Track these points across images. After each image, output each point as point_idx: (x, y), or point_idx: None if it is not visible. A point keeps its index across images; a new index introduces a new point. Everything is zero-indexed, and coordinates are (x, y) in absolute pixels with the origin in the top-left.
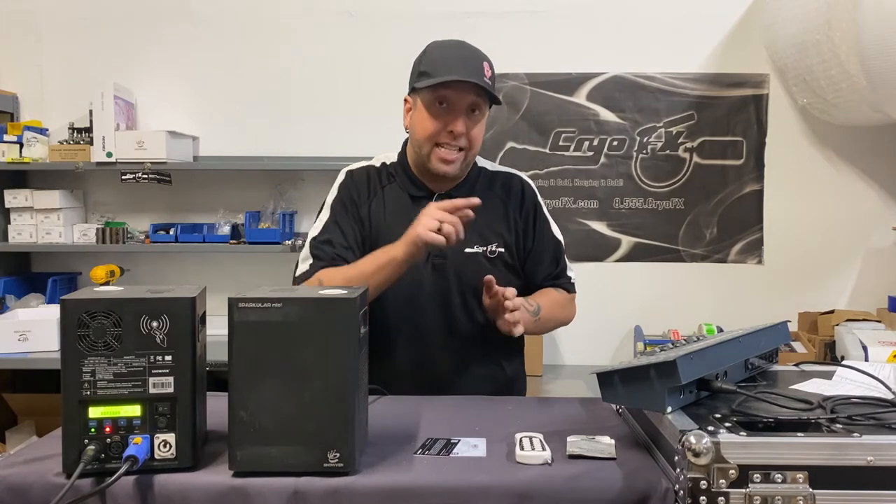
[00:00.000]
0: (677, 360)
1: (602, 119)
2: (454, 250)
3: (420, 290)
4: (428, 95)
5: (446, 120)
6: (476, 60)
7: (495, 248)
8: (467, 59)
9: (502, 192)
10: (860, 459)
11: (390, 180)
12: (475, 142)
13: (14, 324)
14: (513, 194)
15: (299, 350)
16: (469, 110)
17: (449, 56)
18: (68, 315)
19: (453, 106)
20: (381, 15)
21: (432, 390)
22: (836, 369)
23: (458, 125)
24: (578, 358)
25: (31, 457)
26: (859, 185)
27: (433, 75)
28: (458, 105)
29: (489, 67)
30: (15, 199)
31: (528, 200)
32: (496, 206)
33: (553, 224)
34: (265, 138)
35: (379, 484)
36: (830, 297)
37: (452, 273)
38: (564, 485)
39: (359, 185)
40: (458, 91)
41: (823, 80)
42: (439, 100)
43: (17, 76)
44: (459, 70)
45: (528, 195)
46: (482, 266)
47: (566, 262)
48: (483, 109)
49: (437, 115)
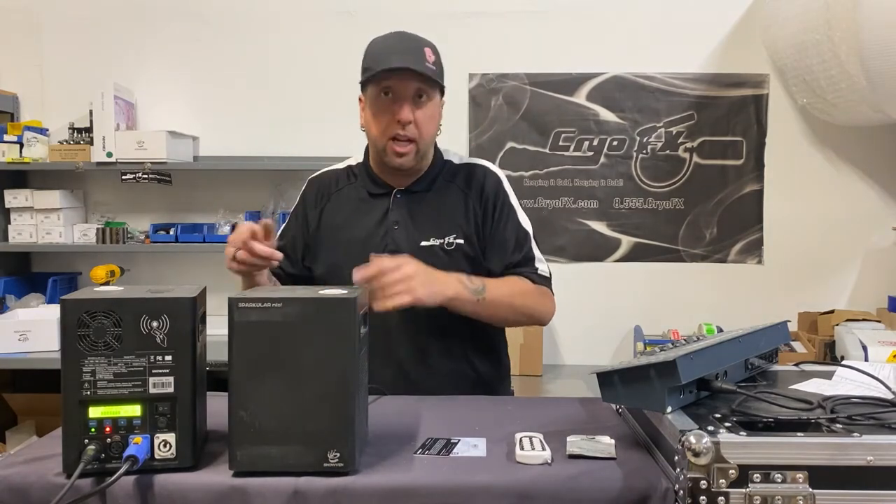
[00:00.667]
0: (677, 360)
1: (602, 119)
2: (409, 244)
3: None
4: (373, 89)
5: (393, 110)
6: (416, 47)
7: (453, 239)
8: (406, 46)
9: (463, 184)
10: (860, 459)
11: (350, 181)
12: (424, 130)
13: (14, 324)
14: (474, 184)
15: (299, 350)
16: (415, 97)
17: (387, 46)
18: (68, 315)
19: (397, 95)
20: (381, 15)
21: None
22: (836, 369)
23: (404, 112)
24: (578, 358)
25: (31, 457)
26: (859, 185)
27: (372, 69)
28: (402, 93)
29: (432, 53)
30: (15, 199)
31: (490, 188)
32: (456, 198)
33: (521, 213)
34: (265, 138)
35: (379, 484)
36: (830, 297)
37: None
38: (564, 485)
39: (314, 193)
40: (399, 79)
41: (823, 80)
42: (384, 91)
43: (17, 76)
44: (397, 58)
45: (489, 183)
46: (438, 258)
47: (535, 253)
48: (430, 96)
49: (383, 106)
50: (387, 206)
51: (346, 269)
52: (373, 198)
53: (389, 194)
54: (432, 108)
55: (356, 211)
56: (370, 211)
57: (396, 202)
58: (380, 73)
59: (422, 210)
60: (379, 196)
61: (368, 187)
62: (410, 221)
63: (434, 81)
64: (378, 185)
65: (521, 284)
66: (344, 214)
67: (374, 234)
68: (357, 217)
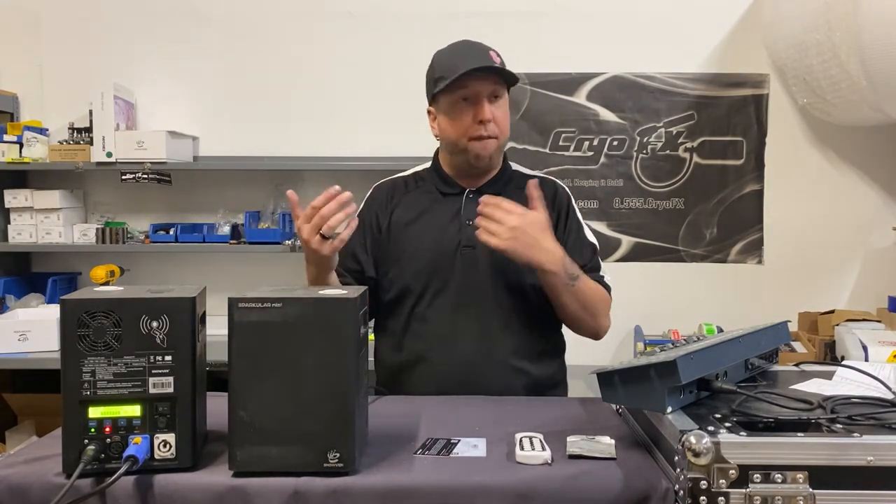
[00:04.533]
0: (677, 360)
1: (602, 119)
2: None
3: (450, 279)
4: (450, 97)
5: (473, 112)
6: (482, 50)
7: None
8: (474, 50)
9: None
10: (860, 459)
11: (418, 185)
12: (503, 125)
13: (14, 324)
14: (546, 192)
15: (299, 350)
16: (491, 97)
17: (456, 54)
18: (68, 315)
19: (475, 97)
20: (381, 15)
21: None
22: (836, 369)
23: (485, 112)
24: (578, 358)
25: (31, 457)
26: (859, 185)
27: (448, 77)
28: (480, 94)
29: (496, 55)
30: (15, 199)
31: (560, 200)
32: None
33: (587, 228)
34: (265, 138)
35: (379, 484)
36: (830, 297)
37: (483, 262)
38: (564, 485)
39: (381, 198)
40: (475, 82)
41: (823, 80)
42: (462, 97)
43: (17, 76)
44: (470, 62)
45: (560, 195)
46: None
47: (601, 265)
48: (503, 94)
49: (462, 111)
50: (459, 204)
51: (419, 265)
52: (444, 196)
53: (461, 194)
54: (506, 105)
55: (428, 209)
56: (442, 209)
57: (469, 201)
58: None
59: None
60: (450, 195)
61: (440, 186)
62: None
63: (506, 80)
64: (449, 184)
65: (603, 292)
66: (415, 213)
67: (447, 230)
68: (429, 215)
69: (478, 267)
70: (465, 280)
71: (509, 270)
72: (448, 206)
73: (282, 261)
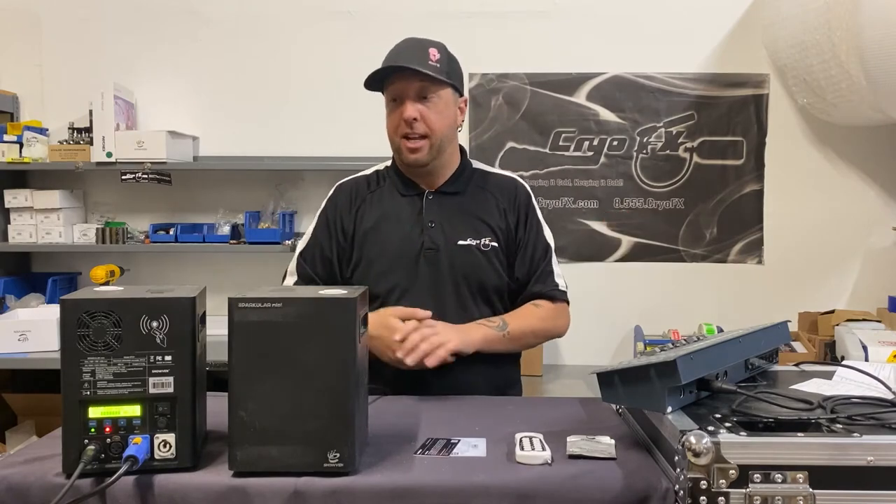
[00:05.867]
0: (677, 360)
1: (602, 119)
2: (446, 242)
3: (413, 281)
4: (386, 96)
5: (400, 111)
6: (419, 49)
7: (488, 241)
8: (409, 49)
9: (496, 190)
10: (860, 459)
11: (380, 184)
12: (434, 125)
13: (14, 324)
14: (506, 192)
15: (299, 350)
16: (419, 97)
17: (392, 53)
18: (68, 315)
19: (402, 96)
20: (381, 15)
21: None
22: (837, 369)
23: (407, 110)
24: (578, 358)
25: (31, 457)
26: (859, 185)
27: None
28: (405, 93)
29: (438, 52)
30: (15, 199)
31: (521, 199)
32: (488, 203)
33: (546, 228)
34: (265, 138)
35: (379, 484)
36: (830, 297)
37: (445, 264)
38: (564, 485)
39: (344, 198)
40: (401, 80)
41: (823, 80)
42: (391, 96)
43: (17, 76)
44: (396, 61)
45: (521, 194)
46: (476, 257)
47: (555, 268)
48: (437, 94)
49: (392, 110)
50: (420, 206)
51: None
52: (404, 198)
53: (421, 195)
54: (441, 105)
55: (391, 212)
56: (404, 211)
57: (429, 203)
58: (376, 73)
59: (456, 211)
60: (410, 196)
61: (399, 188)
62: (446, 221)
63: (436, 78)
64: (408, 186)
65: (538, 311)
66: (379, 215)
67: (410, 233)
68: (393, 218)
69: (441, 269)
70: (428, 281)
71: (472, 272)
72: (409, 209)
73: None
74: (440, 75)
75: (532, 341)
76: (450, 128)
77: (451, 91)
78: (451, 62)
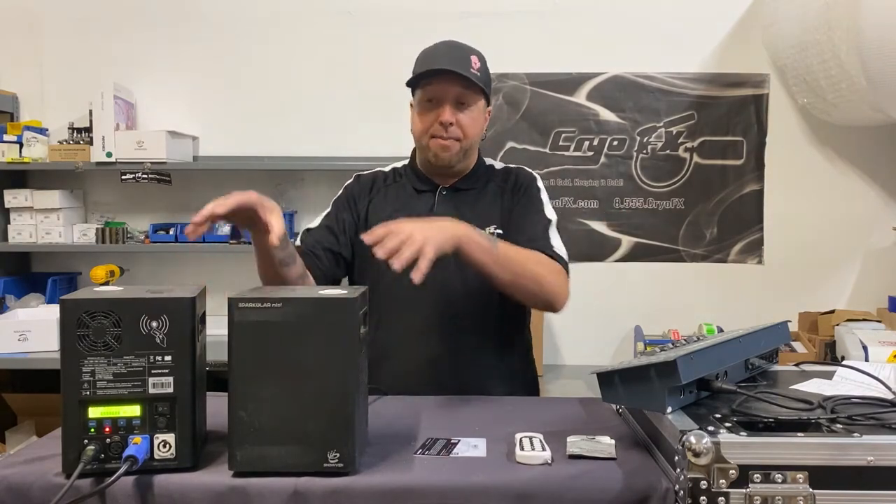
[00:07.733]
0: (677, 360)
1: (602, 119)
2: None
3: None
4: (419, 95)
5: (436, 113)
6: (461, 54)
7: (493, 229)
8: (451, 52)
9: (502, 181)
10: (860, 459)
11: (396, 180)
12: (468, 131)
13: (14, 324)
14: (510, 179)
15: (299, 350)
16: (456, 103)
17: (433, 53)
18: (68, 315)
19: (440, 99)
20: (381, 15)
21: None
22: (837, 369)
23: (445, 114)
24: (578, 358)
25: (31, 457)
26: (859, 185)
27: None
28: (444, 97)
29: (478, 60)
30: (15, 199)
31: (522, 181)
32: (494, 194)
33: (548, 205)
34: (265, 138)
35: (379, 484)
36: (830, 297)
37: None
38: (564, 485)
39: (363, 186)
40: (442, 83)
41: (823, 80)
42: (427, 96)
43: (17, 76)
44: (441, 64)
45: (522, 178)
46: None
47: (553, 237)
48: (473, 101)
49: (427, 110)
50: (432, 202)
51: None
52: (418, 193)
53: (434, 191)
54: (476, 112)
55: (402, 206)
56: (416, 206)
57: (442, 198)
58: (423, 74)
59: (466, 206)
60: (424, 192)
61: (414, 184)
62: (456, 216)
63: (476, 86)
64: (423, 182)
65: (536, 254)
66: (390, 209)
67: None
68: (403, 211)
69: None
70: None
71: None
72: (422, 204)
73: None
74: (480, 83)
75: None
76: (478, 135)
77: (483, 100)
78: (487, 72)
